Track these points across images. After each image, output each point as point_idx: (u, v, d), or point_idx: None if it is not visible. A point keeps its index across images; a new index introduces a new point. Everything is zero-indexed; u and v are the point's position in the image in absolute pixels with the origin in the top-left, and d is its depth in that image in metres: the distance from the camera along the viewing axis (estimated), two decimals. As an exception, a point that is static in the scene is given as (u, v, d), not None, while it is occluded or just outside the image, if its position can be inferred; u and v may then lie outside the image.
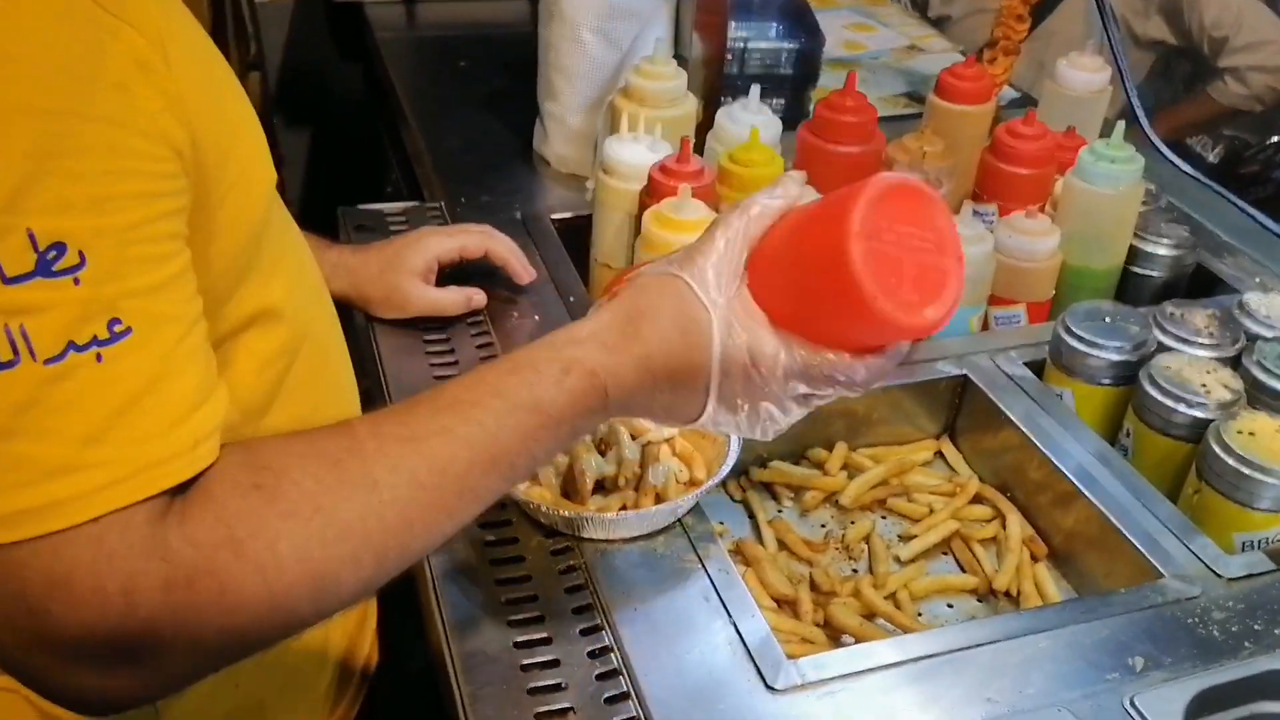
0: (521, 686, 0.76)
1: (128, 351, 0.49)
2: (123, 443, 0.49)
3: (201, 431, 0.52)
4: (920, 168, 1.06)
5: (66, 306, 0.47)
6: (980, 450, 1.08)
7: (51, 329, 0.47)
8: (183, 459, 0.51)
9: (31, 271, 0.46)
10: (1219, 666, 0.79)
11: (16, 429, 0.47)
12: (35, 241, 0.46)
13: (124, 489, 0.49)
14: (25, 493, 0.47)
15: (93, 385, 0.48)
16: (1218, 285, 1.24)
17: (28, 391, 0.47)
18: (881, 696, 0.76)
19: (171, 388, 0.51)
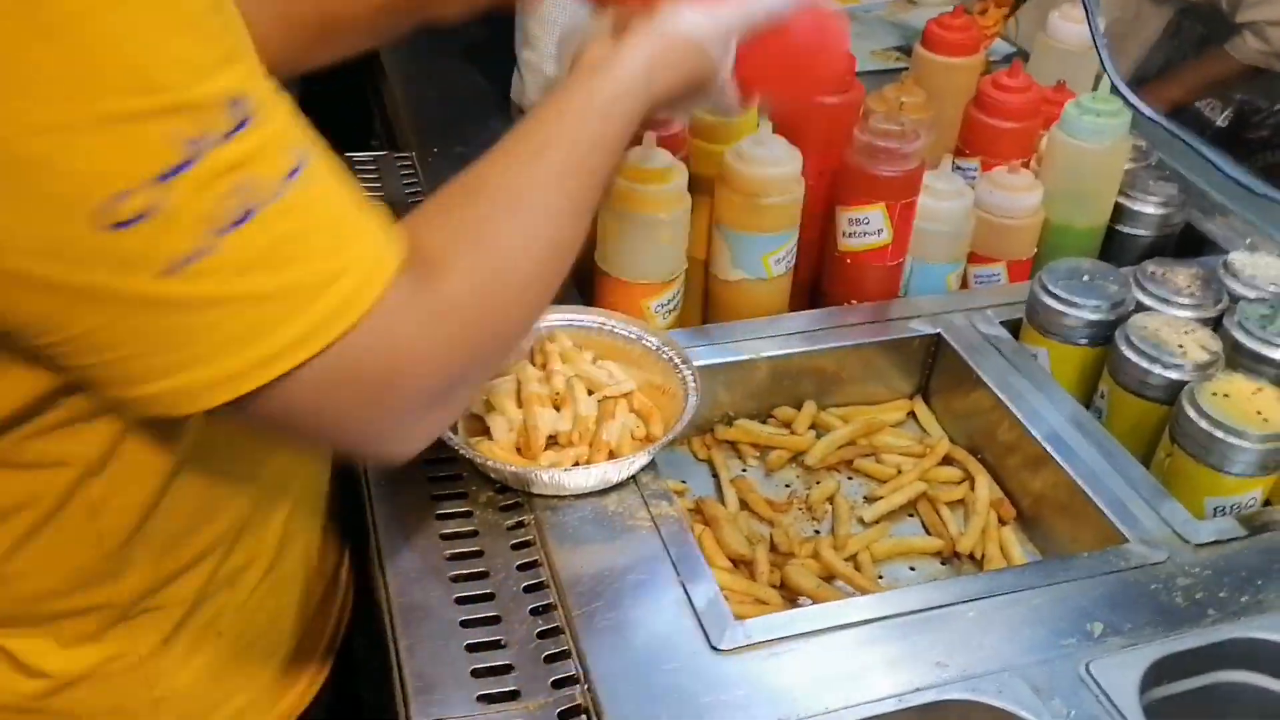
0: (460, 641, 0.75)
1: (316, 165, 0.53)
2: (355, 239, 0.54)
3: (383, 214, 0.57)
4: (896, 119, 1.02)
5: (267, 146, 0.51)
6: (952, 411, 1.05)
7: (267, 169, 0.51)
8: (394, 233, 0.57)
9: (235, 128, 0.49)
10: (1180, 634, 0.77)
11: (283, 259, 0.52)
12: (227, 101, 0.49)
13: (381, 271, 0.55)
14: (315, 306, 0.52)
15: (312, 204, 0.53)
16: (1207, 246, 1.21)
17: (278, 228, 0.51)
18: (827, 659, 0.74)
19: (347, 190, 0.56)
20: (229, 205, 0.50)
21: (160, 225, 0.48)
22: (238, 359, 0.52)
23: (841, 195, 1.05)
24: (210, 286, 0.50)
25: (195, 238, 0.49)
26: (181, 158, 0.48)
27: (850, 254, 1.06)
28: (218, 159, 0.49)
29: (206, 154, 0.48)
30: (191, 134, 0.48)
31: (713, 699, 0.71)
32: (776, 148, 1.00)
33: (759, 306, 1.06)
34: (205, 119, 0.49)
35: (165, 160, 0.48)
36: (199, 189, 0.49)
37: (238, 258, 0.50)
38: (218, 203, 0.49)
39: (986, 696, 0.71)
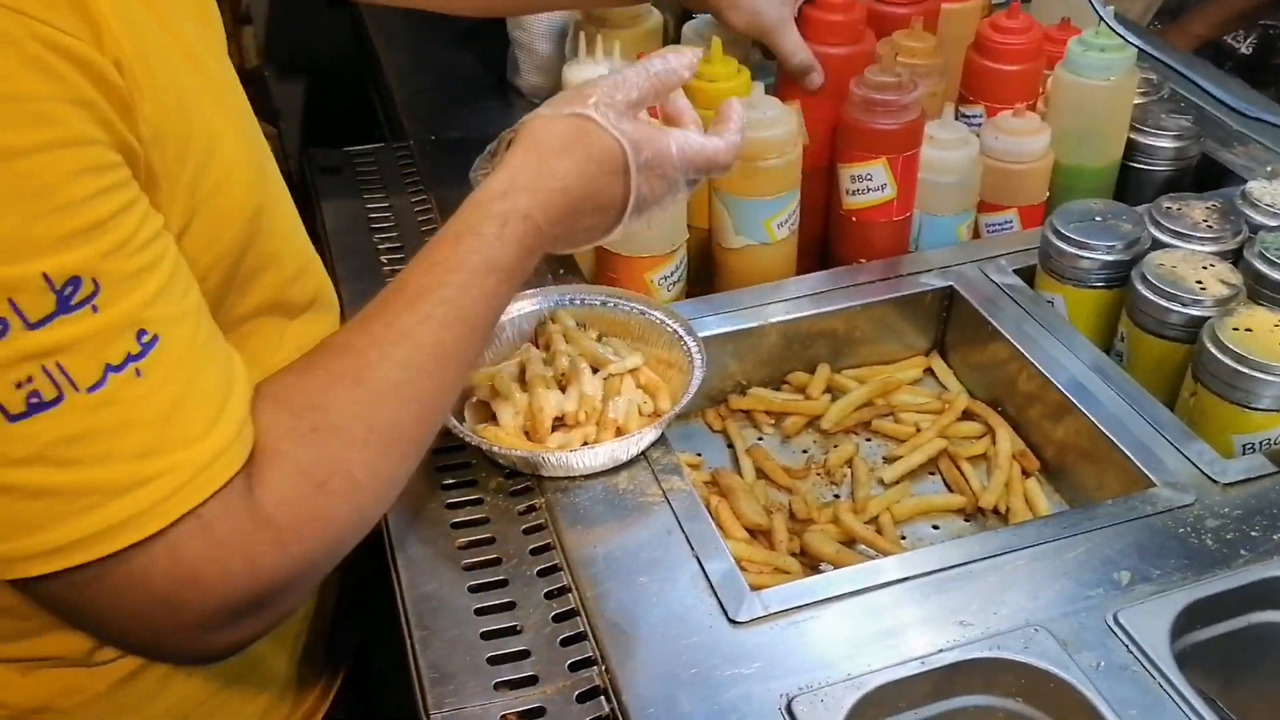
0: (476, 629, 0.74)
1: (160, 358, 0.51)
2: (177, 447, 0.51)
3: (240, 413, 0.55)
4: (892, 69, 1.00)
5: (95, 335, 0.48)
6: (970, 365, 1.03)
7: (86, 359, 0.48)
8: (236, 443, 0.54)
9: (53, 312, 0.47)
10: (1211, 577, 0.74)
11: (75, 459, 0.49)
12: (51, 283, 0.47)
13: (199, 484, 0.52)
14: (103, 512, 0.50)
15: (137, 401, 0.50)
16: (1227, 177, 1.17)
17: (78, 423, 0.48)
18: (846, 626, 0.72)
19: (204, 381, 0.54)
20: (21, 394, 0.47)
21: None
22: (12, 544, 0.49)
23: (841, 152, 1.03)
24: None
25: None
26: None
27: (855, 211, 1.04)
28: (17, 346, 0.47)
29: (6, 338, 0.46)
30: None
31: (732, 672, 0.70)
32: (770, 109, 0.98)
33: (765, 272, 1.04)
34: (14, 301, 0.46)
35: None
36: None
37: (15, 449, 0.48)
38: (6, 390, 0.47)
39: (1012, 653, 0.70)
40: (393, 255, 1.10)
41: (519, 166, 0.69)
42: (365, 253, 1.10)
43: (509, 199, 0.67)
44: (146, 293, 0.50)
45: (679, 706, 0.67)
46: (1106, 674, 0.68)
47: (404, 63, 1.46)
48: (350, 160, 1.24)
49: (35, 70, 0.46)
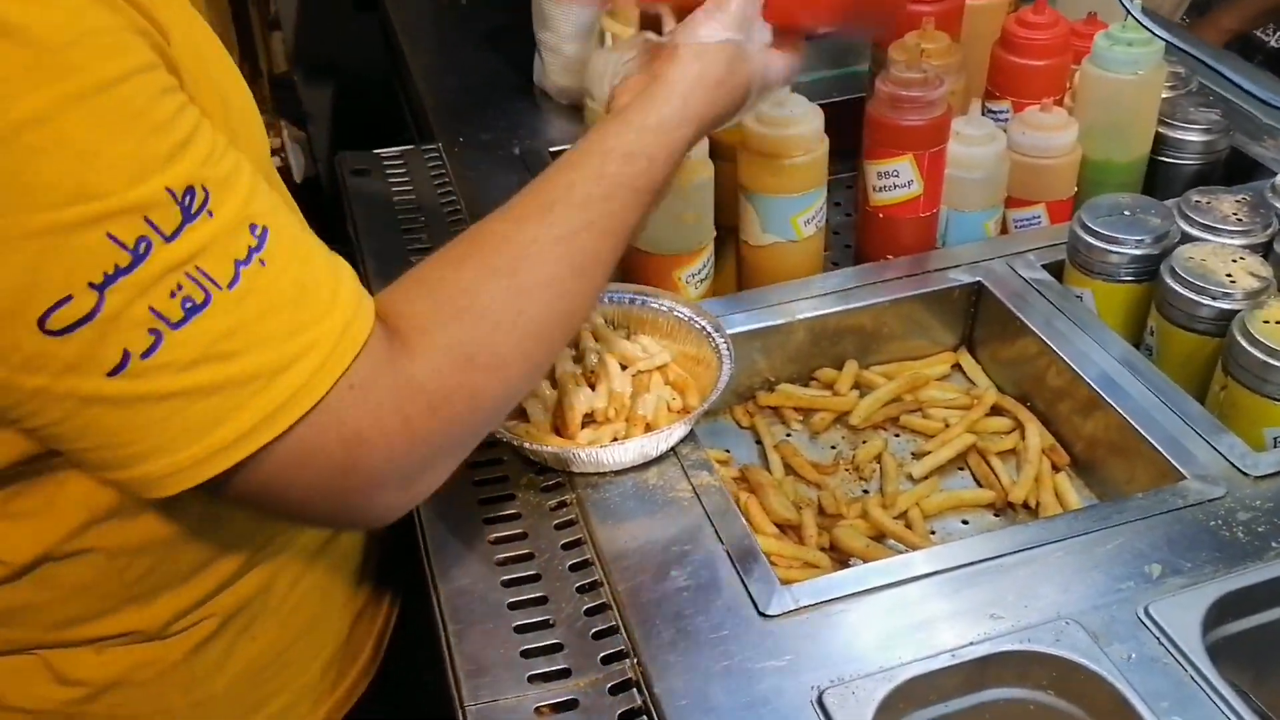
0: (509, 623, 0.75)
1: (275, 246, 0.54)
2: (313, 322, 0.55)
3: (354, 285, 0.58)
4: (918, 66, 1.00)
5: (218, 236, 0.52)
6: (999, 360, 1.03)
7: (219, 260, 0.51)
8: (361, 311, 0.57)
9: (182, 223, 0.50)
10: (1242, 570, 0.74)
11: (235, 350, 0.52)
12: (175, 195, 0.50)
13: (341, 351, 0.55)
14: (269, 393, 0.53)
15: (269, 288, 0.53)
16: (1257, 170, 1.17)
17: (230, 318, 0.52)
18: (876, 619, 0.73)
19: (315, 262, 0.57)
20: (176, 302, 0.50)
21: (103, 328, 0.49)
22: (195, 448, 0.53)
23: (868, 149, 1.03)
24: (162, 382, 0.51)
25: (140, 338, 0.50)
26: (122, 262, 0.49)
27: (882, 208, 1.04)
28: (163, 259, 0.49)
29: (150, 255, 0.49)
30: (133, 237, 0.49)
31: (763, 665, 0.70)
32: (796, 107, 0.98)
33: (793, 269, 1.05)
34: (149, 219, 0.49)
35: (104, 266, 0.48)
36: (143, 290, 0.49)
37: (187, 353, 0.51)
38: (164, 301, 0.50)
39: (1043, 646, 0.70)
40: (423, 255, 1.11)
41: (689, 95, 0.72)
42: (396, 253, 1.12)
43: (682, 129, 0.72)
44: (242, 191, 0.53)
45: (710, 699, 0.68)
46: (1138, 666, 0.68)
47: (431, 66, 1.47)
48: (380, 162, 1.25)
49: (100, 5, 0.49)
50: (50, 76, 0.47)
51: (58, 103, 0.47)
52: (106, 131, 0.48)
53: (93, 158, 0.48)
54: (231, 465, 0.54)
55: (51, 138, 0.47)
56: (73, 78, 0.47)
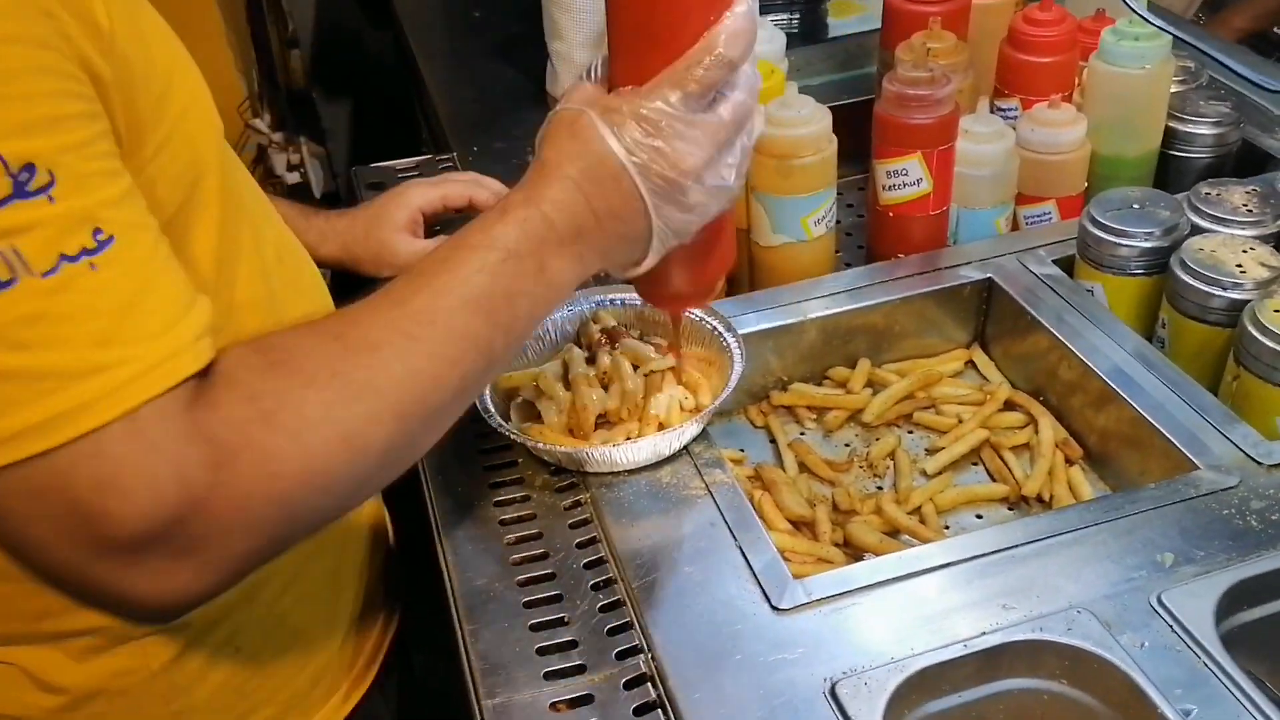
0: (525, 621, 0.76)
1: (115, 257, 0.50)
2: (132, 341, 0.50)
3: (199, 327, 0.53)
4: (924, 65, 1.00)
5: (50, 222, 0.48)
6: (1012, 355, 1.03)
7: (41, 244, 0.48)
8: (190, 350, 0.52)
9: (10, 195, 0.47)
10: (1256, 558, 0.74)
11: (29, 341, 0.48)
12: (7, 165, 0.47)
13: (148, 381, 0.50)
14: (51, 399, 0.48)
15: (91, 292, 0.49)
16: (1269, 162, 1.16)
17: (32, 305, 0.48)
18: (888, 611, 0.73)
19: (162, 289, 0.52)
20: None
21: None
22: None
23: (876, 148, 1.04)
24: None
25: None
26: None
27: (892, 206, 1.05)
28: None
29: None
30: None
31: (776, 658, 0.71)
32: (804, 108, 0.99)
33: (804, 269, 1.06)
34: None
35: None
36: None
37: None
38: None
39: (1055, 635, 0.70)
40: (438, 263, 1.13)
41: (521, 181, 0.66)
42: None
43: (510, 196, 0.65)
44: (105, 195, 0.50)
45: (724, 691, 0.69)
46: (1151, 654, 0.68)
47: (446, 78, 1.49)
48: (396, 174, 1.27)
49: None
50: None
51: None
52: None
53: None
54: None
55: None
56: None
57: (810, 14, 1.40)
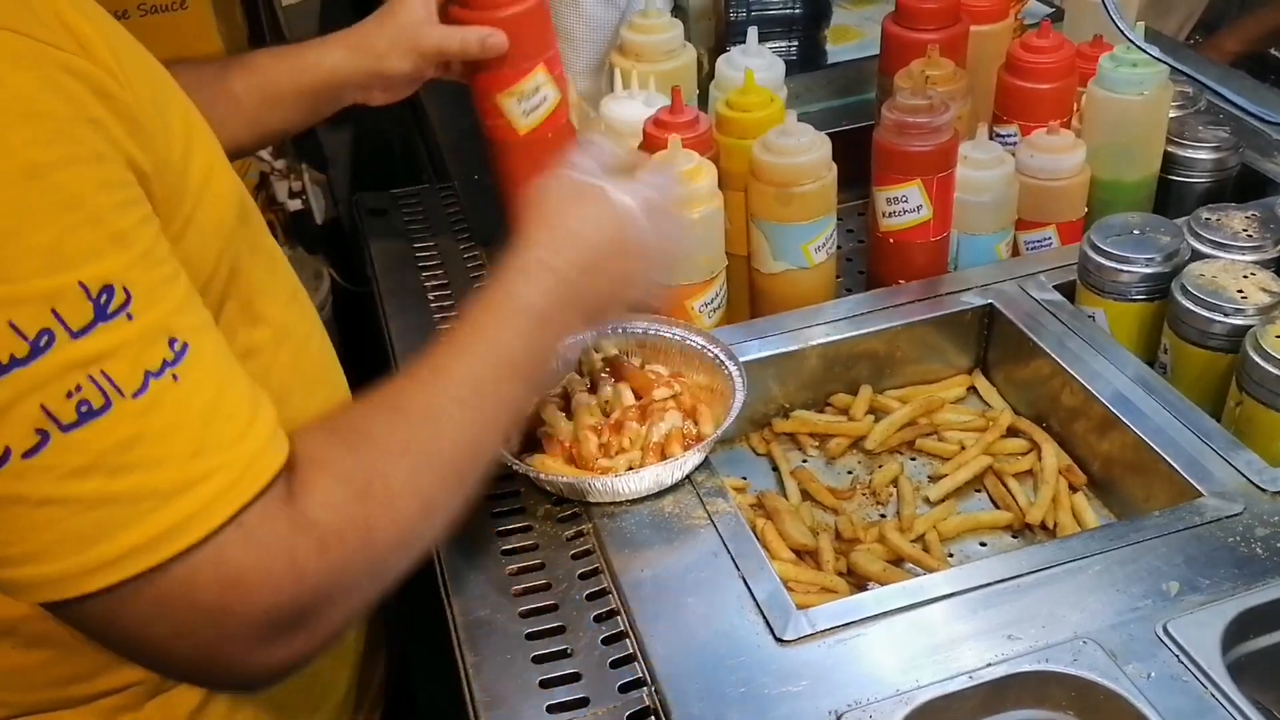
0: (527, 653, 0.75)
1: (193, 365, 0.52)
2: (219, 449, 0.52)
3: (273, 421, 0.56)
4: (923, 93, 1.01)
5: (132, 341, 0.50)
6: (1013, 381, 1.03)
7: (128, 365, 0.49)
8: (271, 446, 0.55)
9: (93, 320, 0.48)
10: (1262, 586, 0.74)
11: (129, 465, 0.50)
12: (88, 291, 0.48)
13: (244, 484, 0.53)
14: (155, 517, 0.50)
15: (177, 406, 0.51)
16: (1269, 186, 1.17)
17: (127, 429, 0.49)
18: (892, 642, 0.73)
19: (233, 387, 0.55)
20: (72, 404, 0.48)
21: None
22: (68, 562, 0.49)
23: (876, 175, 1.04)
24: (42, 485, 0.48)
25: (25, 435, 0.47)
26: (19, 352, 0.46)
27: (893, 233, 1.05)
28: (65, 356, 0.47)
29: (51, 350, 0.47)
30: (35, 327, 0.47)
31: (780, 690, 0.70)
32: (803, 135, 0.99)
33: (806, 296, 1.06)
34: (56, 311, 0.47)
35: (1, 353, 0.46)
36: (37, 386, 0.47)
37: (74, 459, 0.48)
38: (57, 401, 0.47)
39: (1060, 666, 0.70)
40: (439, 291, 1.13)
41: (529, 229, 0.73)
42: (413, 289, 1.13)
43: (520, 257, 0.71)
44: (172, 303, 0.52)
45: (728, 724, 0.68)
46: (1157, 685, 0.68)
47: (446, 106, 1.49)
48: (396, 202, 1.27)
49: (53, 90, 0.49)
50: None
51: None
52: (28, 217, 0.47)
53: (6, 241, 0.46)
54: (103, 587, 0.50)
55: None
56: (7, 159, 0.47)
57: (809, 41, 1.40)
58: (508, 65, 1.04)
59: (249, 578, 0.53)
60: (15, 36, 0.48)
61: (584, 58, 1.30)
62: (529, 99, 1.08)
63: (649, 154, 0.88)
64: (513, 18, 1.02)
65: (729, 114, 1.05)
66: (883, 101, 1.05)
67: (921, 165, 1.00)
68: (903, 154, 1.01)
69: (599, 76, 1.29)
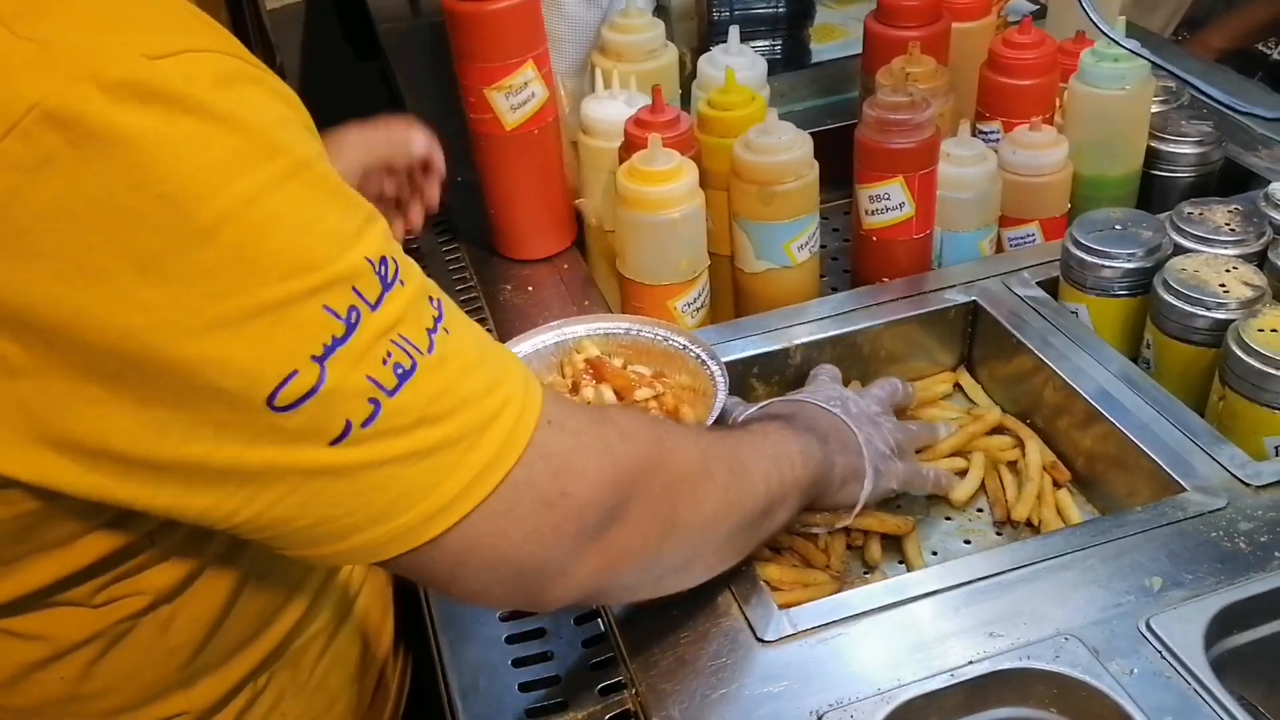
0: (507, 657, 0.75)
1: (450, 315, 0.56)
2: (502, 378, 0.57)
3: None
4: (904, 90, 1.00)
5: (411, 304, 0.53)
6: (998, 378, 1.03)
7: (415, 327, 0.53)
8: (531, 375, 0.60)
9: (382, 291, 0.52)
10: (1245, 581, 0.74)
11: (445, 412, 0.54)
12: (373, 264, 0.52)
13: (533, 397, 0.58)
14: (481, 448, 0.54)
15: (458, 353, 0.55)
16: (1252, 180, 1.17)
17: (434, 383, 0.53)
18: (874, 641, 0.72)
19: (477, 328, 0.59)
20: (389, 369, 0.51)
21: (326, 399, 0.50)
22: (415, 511, 0.53)
23: (858, 173, 1.03)
24: (381, 448, 0.52)
25: (361, 407, 0.51)
26: (339, 332, 0.50)
27: (875, 231, 1.05)
28: (372, 327, 0.51)
29: (361, 324, 0.50)
30: (345, 306, 0.50)
31: (762, 691, 0.70)
32: (784, 134, 0.99)
33: (789, 295, 1.05)
34: (357, 288, 0.51)
35: (323, 338, 0.49)
36: (358, 359, 0.50)
37: (402, 418, 0.52)
38: (378, 369, 0.51)
39: (1042, 663, 0.69)
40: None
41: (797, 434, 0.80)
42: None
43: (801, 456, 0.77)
44: (415, 265, 0.56)
45: (709, 726, 0.68)
46: (1140, 681, 0.68)
47: (431, 109, 1.49)
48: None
49: (276, 99, 0.52)
50: (261, 157, 0.48)
51: (271, 181, 0.48)
52: (314, 206, 0.50)
53: (305, 232, 0.49)
54: (448, 527, 0.54)
55: (270, 214, 0.48)
56: (280, 158, 0.49)
57: (793, 40, 1.40)
58: (497, 59, 1.05)
59: (575, 461, 0.58)
60: (225, 58, 0.50)
61: (567, 58, 1.29)
62: (517, 94, 1.09)
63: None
64: (503, 11, 1.03)
65: (710, 113, 1.05)
66: (865, 99, 1.05)
67: (903, 162, 1.00)
68: (884, 151, 1.00)
69: (582, 77, 1.29)
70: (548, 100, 1.11)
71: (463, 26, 1.06)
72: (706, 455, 0.68)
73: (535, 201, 1.17)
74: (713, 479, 0.68)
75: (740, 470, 0.71)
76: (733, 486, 0.69)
